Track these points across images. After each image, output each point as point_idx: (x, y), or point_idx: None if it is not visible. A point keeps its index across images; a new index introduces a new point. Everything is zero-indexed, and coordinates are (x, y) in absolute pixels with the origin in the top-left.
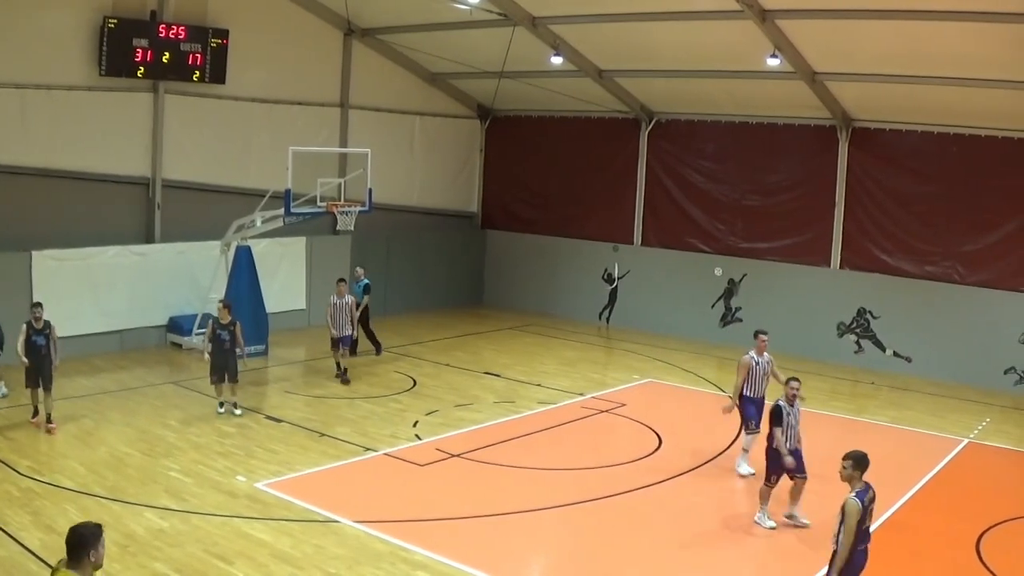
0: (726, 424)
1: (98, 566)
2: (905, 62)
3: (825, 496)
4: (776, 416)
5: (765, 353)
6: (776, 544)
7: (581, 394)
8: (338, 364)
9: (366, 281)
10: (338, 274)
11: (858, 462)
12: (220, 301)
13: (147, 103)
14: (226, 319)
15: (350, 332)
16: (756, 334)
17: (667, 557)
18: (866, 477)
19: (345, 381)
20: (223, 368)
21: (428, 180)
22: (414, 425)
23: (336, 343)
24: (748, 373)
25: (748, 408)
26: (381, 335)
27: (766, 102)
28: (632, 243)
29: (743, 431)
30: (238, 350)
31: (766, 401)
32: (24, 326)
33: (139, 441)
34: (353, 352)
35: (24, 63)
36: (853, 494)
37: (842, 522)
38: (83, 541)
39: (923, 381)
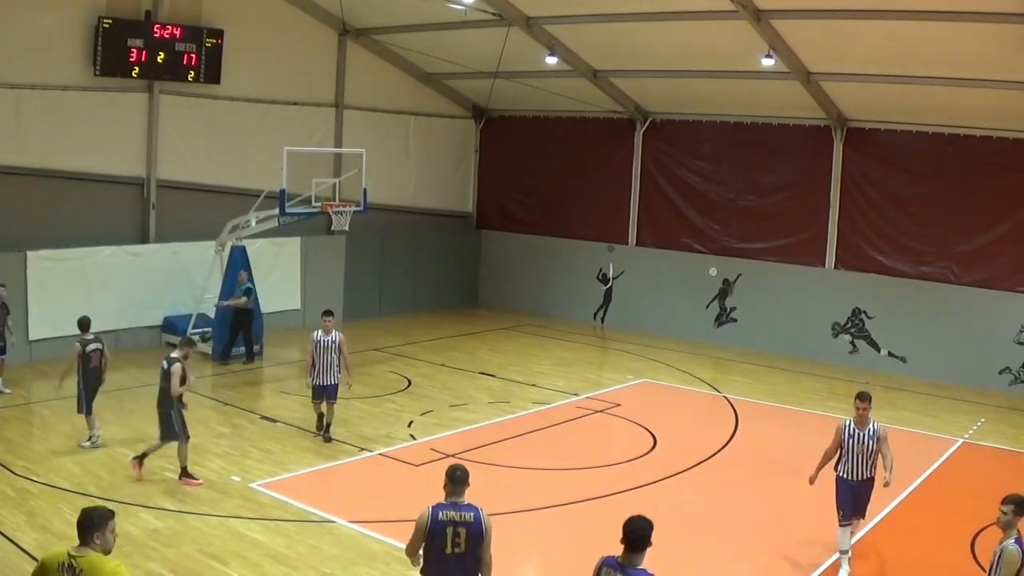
0: (720, 424)
1: (106, 551)
2: (900, 62)
3: (821, 502)
4: (838, 435)
5: (870, 423)
6: (775, 544)
7: (576, 394)
8: (320, 418)
9: (248, 285)
10: (333, 274)
11: (1020, 507)
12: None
13: (142, 103)
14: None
15: (335, 380)
16: (856, 397)
17: (663, 557)
18: None
19: (327, 439)
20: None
21: (423, 180)
22: (409, 425)
23: (319, 393)
24: (841, 446)
25: (841, 492)
26: (378, 335)
27: (761, 102)
28: (627, 243)
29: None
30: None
31: (874, 484)
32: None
33: (135, 441)
34: (329, 397)
35: (19, 63)
36: (1013, 540)
37: (997, 568)
38: (89, 523)
39: (918, 381)
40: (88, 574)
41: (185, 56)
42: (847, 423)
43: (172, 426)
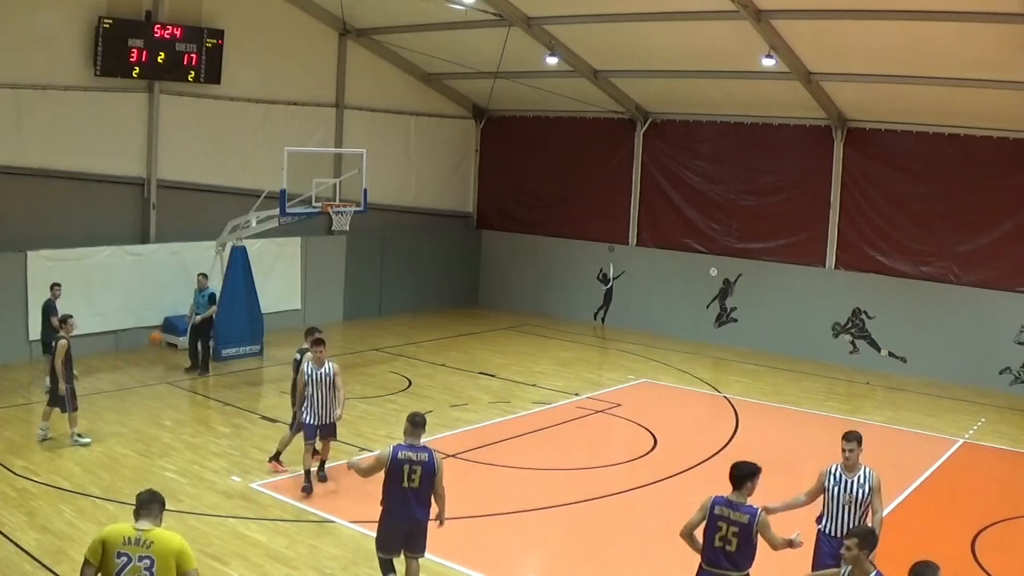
0: (720, 424)
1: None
2: (900, 62)
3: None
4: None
5: (861, 468)
6: None
7: (576, 394)
8: (308, 472)
9: (211, 290)
10: (334, 274)
11: (864, 540)
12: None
13: (142, 103)
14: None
15: (331, 418)
16: (843, 437)
17: (662, 557)
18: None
19: (323, 478)
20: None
21: (423, 180)
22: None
23: (313, 432)
24: (824, 495)
25: (821, 552)
26: (378, 335)
27: (761, 102)
28: (627, 243)
29: None
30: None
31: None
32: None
33: (134, 441)
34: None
35: (19, 63)
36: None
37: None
38: (152, 501)
39: (918, 381)
40: (158, 546)
41: (185, 56)
42: (832, 469)
43: (294, 420)
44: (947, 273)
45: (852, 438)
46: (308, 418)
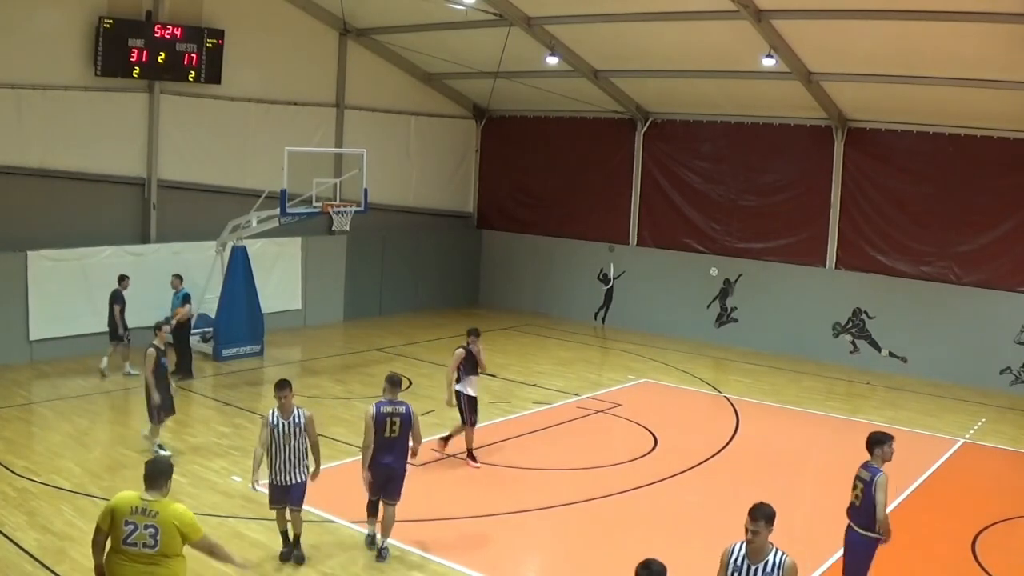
0: (721, 424)
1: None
2: (900, 62)
3: (822, 502)
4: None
5: (770, 553)
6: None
7: (577, 394)
8: (284, 534)
9: (185, 291)
10: (334, 274)
11: (769, 520)
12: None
13: (143, 103)
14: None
15: (302, 478)
16: (748, 513)
17: (663, 557)
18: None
19: (300, 559)
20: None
21: (424, 180)
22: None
23: (280, 495)
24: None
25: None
26: (379, 335)
27: (761, 102)
28: (628, 243)
29: None
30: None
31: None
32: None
33: (135, 441)
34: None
35: (20, 63)
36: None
37: None
38: (158, 473)
39: (919, 381)
40: (162, 515)
41: (186, 56)
42: (733, 550)
43: (463, 412)
44: (947, 273)
45: (759, 516)
46: (272, 477)
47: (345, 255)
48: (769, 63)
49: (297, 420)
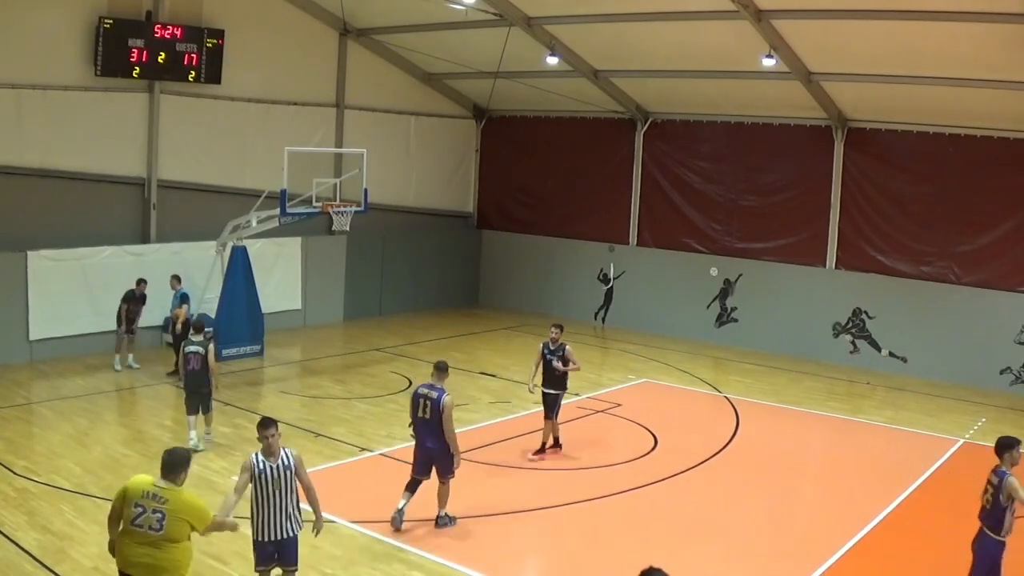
0: (721, 424)
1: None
2: (901, 62)
3: (822, 502)
4: None
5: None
6: (773, 545)
7: (577, 394)
8: None
9: (184, 291)
10: (334, 274)
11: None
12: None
13: (143, 103)
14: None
15: (295, 531)
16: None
17: (663, 557)
18: (870, 480)
19: None
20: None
21: (424, 180)
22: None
23: (266, 554)
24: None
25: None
26: (379, 335)
27: (762, 102)
28: (628, 243)
29: None
30: None
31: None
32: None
33: (135, 441)
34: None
35: (20, 63)
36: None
37: None
38: (174, 462)
39: (919, 381)
40: (173, 502)
41: (186, 56)
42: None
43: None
44: (947, 273)
45: None
46: (257, 534)
47: (345, 255)
48: (769, 63)
49: (286, 463)
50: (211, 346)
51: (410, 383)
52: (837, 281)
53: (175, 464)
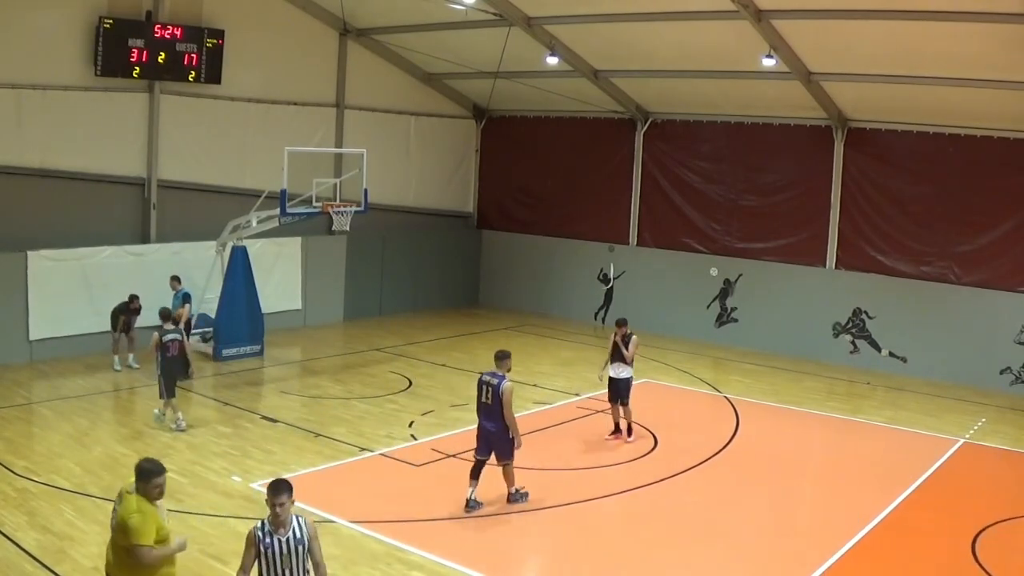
0: (721, 424)
1: (147, 498)
2: (901, 62)
3: (822, 502)
4: None
5: None
6: (773, 545)
7: (577, 394)
8: None
9: (185, 291)
10: (334, 274)
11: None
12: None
13: (143, 103)
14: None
15: None
16: None
17: (663, 557)
18: (870, 480)
19: None
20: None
21: (424, 180)
22: (410, 425)
23: None
24: None
25: None
26: (379, 335)
27: (762, 102)
28: (628, 243)
29: None
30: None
31: None
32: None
33: (135, 441)
34: None
35: (20, 63)
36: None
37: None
38: (139, 473)
39: (919, 381)
40: (119, 505)
41: (186, 56)
42: None
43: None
44: (947, 273)
45: None
46: None
47: (345, 255)
48: (769, 63)
49: (299, 536)
50: (185, 333)
51: (410, 383)
52: (837, 281)
53: (138, 474)
